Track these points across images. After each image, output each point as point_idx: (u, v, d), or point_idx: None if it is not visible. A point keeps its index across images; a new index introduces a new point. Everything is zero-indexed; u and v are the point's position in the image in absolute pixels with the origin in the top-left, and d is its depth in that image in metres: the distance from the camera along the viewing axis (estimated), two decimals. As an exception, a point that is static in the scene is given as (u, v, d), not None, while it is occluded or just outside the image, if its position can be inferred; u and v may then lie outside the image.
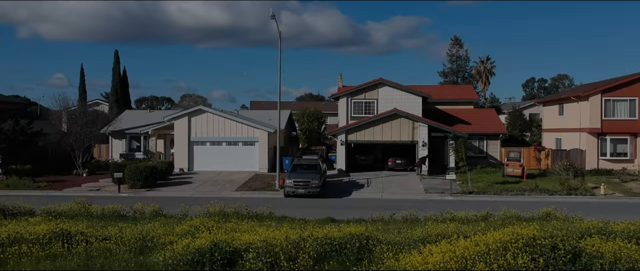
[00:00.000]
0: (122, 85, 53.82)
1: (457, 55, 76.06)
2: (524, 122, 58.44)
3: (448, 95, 44.79)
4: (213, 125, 36.80)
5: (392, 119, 35.98)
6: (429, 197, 28.38)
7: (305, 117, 44.16)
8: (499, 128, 40.09)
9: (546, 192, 29.21)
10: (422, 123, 35.78)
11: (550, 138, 43.35)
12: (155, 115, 45.34)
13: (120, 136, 42.17)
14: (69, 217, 19.00)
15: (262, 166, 36.42)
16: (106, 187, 31.37)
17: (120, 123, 43.33)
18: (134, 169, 30.26)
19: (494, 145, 39.95)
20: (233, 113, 42.33)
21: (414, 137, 35.87)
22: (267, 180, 33.00)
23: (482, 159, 39.59)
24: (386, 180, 33.68)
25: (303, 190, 27.17)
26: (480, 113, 42.75)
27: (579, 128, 38.15)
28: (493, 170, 36.81)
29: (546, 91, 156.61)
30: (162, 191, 30.07)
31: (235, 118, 36.54)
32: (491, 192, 29.32)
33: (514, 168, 33.91)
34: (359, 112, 39.32)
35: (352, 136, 36.25)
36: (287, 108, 67.41)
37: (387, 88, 38.97)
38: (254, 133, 36.57)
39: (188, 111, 36.82)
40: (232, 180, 33.06)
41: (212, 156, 36.97)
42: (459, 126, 40.24)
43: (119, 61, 53.39)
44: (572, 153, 37.36)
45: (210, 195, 28.67)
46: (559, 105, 41.88)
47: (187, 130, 36.77)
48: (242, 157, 36.87)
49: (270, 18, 28.25)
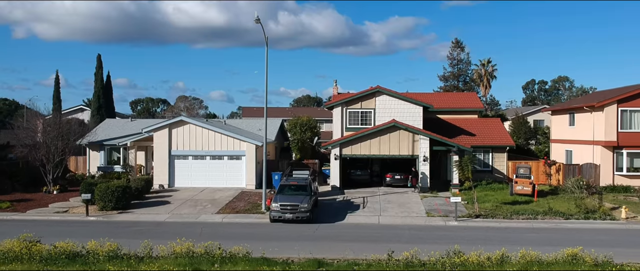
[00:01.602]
0: (105, 91, 50.79)
1: (459, 58, 73.27)
2: (528, 130, 55.55)
3: (450, 104, 41.90)
4: (196, 137, 33.84)
5: (390, 131, 33.07)
6: (431, 221, 25.48)
7: (298, 126, 41.22)
8: (505, 140, 37.20)
9: (561, 214, 26.34)
10: (423, 136, 32.88)
11: (560, 150, 40.48)
12: (137, 125, 42.35)
13: (98, 148, 39.19)
14: (8, 260, 16.11)
15: (249, 182, 33.49)
16: (75, 208, 28.41)
17: (99, 134, 40.41)
18: (105, 189, 27.31)
19: (500, 158, 37.06)
20: (220, 123, 39.42)
21: (414, 151, 32.96)
22: (253, 199, 30.07)
23: (488, 173, 36.72)
24: (384, 199, 30.76)
25: (291, 215, 24.25)
26: (485, 124, 39.85)
27: (592, 140, 35.28)
28: (500, 186, 33.93)
29: (546, 93, 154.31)
30: (136, 213, 27.13)
31: (220, 130, 33.56)
32: (500, 214, 26.41)
33: (523, 186, 31.02)
34: (354, 122, 36.40)
35: (347, 150, 33.34)
36: (280, 116, 64.54)
37: (385, 97, 36.06)
38: (241, 146, 33.62)
39: (168, 122, 33.86)
40: (214, 200, 30.11)
41: (195, 171, 34.02)
42: (462, 137, 37.37)
43: (101, 65, 50.37)
44: (585, 168, 34.48)
45: (188, 219, 25.79)
46: (569, 115, 39.01)
47: (168, 143, 33.81)
48: (228, 172, 33.92)
49: (255, 22, 25.32)
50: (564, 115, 39.93)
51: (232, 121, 43.54)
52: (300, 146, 41.67)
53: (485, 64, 72.62)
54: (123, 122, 43.44)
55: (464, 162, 27.68)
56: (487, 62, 72.45)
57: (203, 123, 33.84)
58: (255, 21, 25.28)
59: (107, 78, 51.62)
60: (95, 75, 50.26)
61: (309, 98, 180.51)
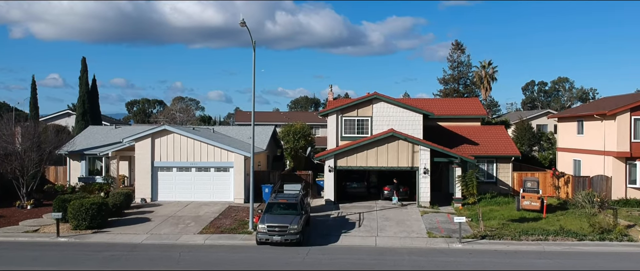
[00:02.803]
0: (91, 96, 48.58)
1: (459, 60, 71.20)
2: (532, 136, 53.53)
3: (452, 110, 39.76)
4: (180, 147, 31.64)
5: (388, 142, 30.92)
6: (433, 243, 23.29)
7: (291, 134, 39.05)
8: (510, 150, 35.07)
9: (573, 235, 24.17)
10: (423, 147, 30.72)
11: (567, 159, 38.37)
12: (121, 132, 40.17)
13: (79, 157, 37.00)
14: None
15: (238, 196, 31.30)
16: (47, 227, 26.20)
17: (80, 142, 38.22)
18: (78, 207, 25.12)
19: (505, 168, 34.94)
20: (207, 132, 37.24)
21: (413, 163, 30.81)
22: (240, 216, 27.90)
23: (492, 185, 34.62)
24: (381, 215, 28.60)
25: (279, 238, 22.07)
26: (489, 132, 37.71)
27: (603, 150, 33.17)
28: (505, 200, 31.79)
29: (546, 94, 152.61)
30: (112, 233, 24.93)
31: (206, 140, 31.37)
32: (508, 235, 24.22)
33: (531, 201, 28.89)
34: (350, 131, 34.25)
35: (342, 161, 31.17)
36: (274, 121, 62.43)
37: (383, 105, 33.90)
38: (229, 157, 31.43)
39: (150, 131, 31.64)
40: (198, 216, 27.93)
41: (179, 184, 31.83)
42: (465, 147, 35.26)
43: (86, 69, 48.16)
44: (596, 181, 32.36)
45: (167, 241, 23.57)
46: (577, 122, 36.90)
47: (150, 154, 31.61)
48: (215, 185, 31.74)
49: (240, 25, 23.16)
50: (572, 122, 37.82)
51: (222, 128, 41.36)
52: (294, 154, 39.52)
53: (486, 65, 70.63)
54: (107, 129, 41.23)
55: (468, 177, 25.54)
56: (488, 64, 70.47)
57: (188, 132, 31.64)
58: (240, 24, 23.12)
59: (93, 82, 49.43)
60: (79, 79, 48.05)
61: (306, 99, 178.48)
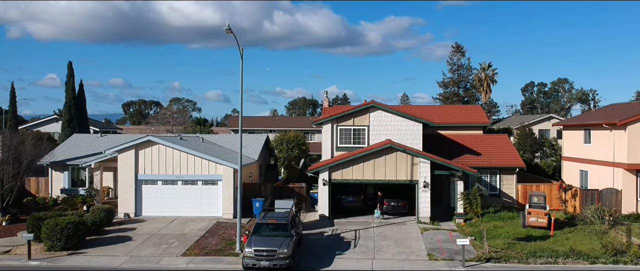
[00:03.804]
0: (78, 102, 46.76)
1: (459, 63, 69.53)
2: (534, 142, 51.74)
3: (453, 118, 38.02)
4: (166, 159, 29.88)
5: (386, 153, 29.19)
6: (434, 266, 21.55)
7: (285, 143, 37.28)
8: (514, 160, 33.35)
9: (585, 257, 22.45)
10: (423, 159, 28.98)
11: (573, 169, 36.66)
12: (107, 140, 38.39)
13: (62, 168, 35.23)
14: None
15: (227, 210, 29.55)
16: (19, 247, 24.39)
17: (63, 152, 36.44)
18: (53, 226, 23.34)
19: (508, 180, 33.22)
20: (196, 140, 35.47)
21: (413, 176, 29.07)
22: (228, 234, 26.15)
23: (495, 198, 32.91)
24: (378, 232, 26.85)
25: (267, 263, 20.30)
26: (492, 141, 35.98)
27: (612, 162, 31.47)
28: (510, 214, 30.07)
29: (546, 95, 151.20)
30: (88, 254, 23.15)
31: (193, 152, 29.59)
32: (514, 257, 22.46)
33: (538, 217, 27.16)
34: (346, 140, 32.52)
35: (337, 174, 29.43)
36: (268, 126, 60.65)
37: (381, 113, 32.16)
38: (217, 169, 29.67)
39: (134, 142, 29.86)
40: (183, 234, 26.17)
41: (165, 198, 30.07)
42: (466, 157, 33.54)
43: (73, 74, 46.33)
44: (605, 194, 30.65)
45: (147, 265, 21.78)
46: (584, 131, 35.19)
47: (134, 166, 29.85)
48: (202, 199, 29.99)
49: (225, 32, 21.41)
50: (578, 131, 36.11)
51: (212, 137, 39.56)
52: (287, 164, 37.77)
53: (486, 67, 69.05)
54: (92, 137, 39.43)
55: (472, 194, 23.78)
56: (488, 66, 68.90)
57: (174, 143, 29.86)
58: (226, 31, 21.37)
59: (80, 87, 47.62)
60: (65, 85, 46.25)
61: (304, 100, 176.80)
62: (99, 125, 58.73)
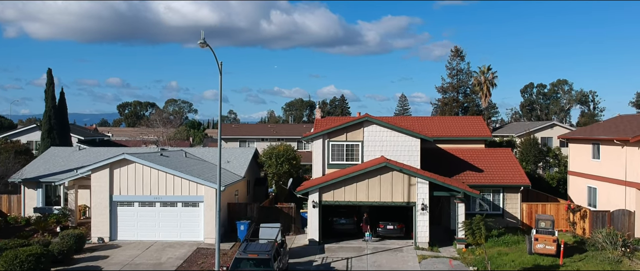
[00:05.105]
0: (58, 111, 44.47)
1: (458, 68, 67.41)
2: (538, 152, 49.58)
3: (453, 131, 35.83)
4: (143, 179, 27.62)
5: (381, 173, 26.96)
6: (433, 307, 19.36)
7: (274, 157, 35.04)
8: (519, 178, 31.17)
9: (600, 293, 20.32)
10: (421, 179, 26.77)
11: (580, 185, 34.49)
12: (85, 155, 36.15)
13: (35, 185, 32.96)
14: None
15: (209, 234, 27.29)
16: (-24, 281, 22.13)
17: (37, 168, 34.17)
18: (12, 259, 21.03)
19: (513, 199, 31.06)
20: (178, 155, 33.25)
21: (410, 197, 26.87)
22: (209, 263, 23.90)
23: (498, 218, 30.74)
24: (373, 260, 24.63)
25: (246, 306, 18.10)
26: (494, 156, 33.79)
27: (624, 181, 29.32)
28: (515, 238, 27.87)
29: (545, 97, 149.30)
30: (51, 291, 20.91)
31: (171, 171, 27.33)
32: (522, 294, 20.33)
33: (545, 244, 24.94)
34: (339, 157, 30.33)
35: (328, 195, 27.21)
36: (260, 134, 58.37)
37: (375, 128, 29.98)
38: (198, 190, 27.43)
39: (109, 161, 27.58)
40: (160, 263, 23.92)
41: (142, 220, 27.82)
42: (468, 174, 31.39)
43: (53, 81, 44.03)
44: (617, 216, 28.48)
45: (113, 306, 19.56)
46: (592, 145, 33.02)
47: (108, 186, 27.60)
48: (183, 222, 27.75)
49: (200, 46, 19.21)
50: (586, 145, 33.93)
51: (197, 150, 37.32)
52: (277, 180, 35.55)
53: (485, 71, 67.11)
54: (69, 151, 37.13)
55: (475, 223, 21.57)
56: (487, 69, 67.00)
57: (152, 161, 27.58)
58: (200, 44, 19.16)
59: (61, 95, 45.32)
60: (45, 93, 43.91)
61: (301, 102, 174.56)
62: (84, 133, 56.39)
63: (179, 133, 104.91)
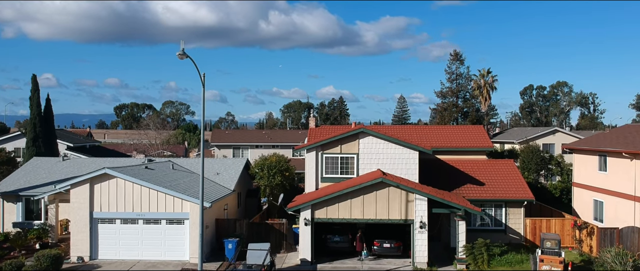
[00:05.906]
0: (44, 119, 42.87)
1: (457, 72, 65.95)
2: (540, 160, 48.09)
3: (453, 141, 34.35)
4: (125, 195, 26.09)
5: (377, 189, 25.44)
6: None
7: (265, 169, 33.53)
8: (522, 192, 29.68)
9: (612, 324, 18.83)
10: (419, 196, 25.25)
11: (585, 198, 33.04)
12: (69, 166, 34.62)
13: (15, 199, 31.43)
14: None
15: (195, 253, 25.66)
16: (-58, 308, 20.63)
17: (17, 180, 32.64)
18: (-22, 286, 19.59)
19: (515, 214, 29.57)
20: (165, 166, 31.73)
21: (408, 215, 25.35)
22: (193, 287, 22.42)
23: (500, 234, 29.24)
24: (368, 284, 23.13)
25: None
26: (496, 168, 32.29)
27: (633, 195, 27.87)
28: (518, 258, 26.28)
29: (545, 99, 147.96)
30: (20, 321, 19.38)
31: (155, 187, 25.79)
32: (528, 324, 18.83)
33: (551, 266, 23.46)
34: (333, 170, 28.85)
35: (321, 212, 25.69)
36: (253, 141, 56.79)
37: (371, 140, 28.50)
38: (183, 207, 25.90)
39: (88, 176, 26.02)
40: (140, 288, 22.42)
41: (124, 239, 26.28)
42: (468, 187, 29.91)
43: (38, 88, 42.48)
44: (626, 233, 27.00)
45: None
46: (599, 157, 31.56)
47: (89, 203, 26.06)
48: (167, 240, 26.21)
49: (179, 57, 17.71)
50: (592, 156, 32.46)
51: (186, 161, 35.78)
52: (269, 193, 34.03)
53: (485, 74, 65.70)
54: (53, 162, 35.59)
55: (477, 247, 20.11)
56: (487, 73, 65.59)
57: (134, 176, 26.04)
58: (178, 56, 17.66)
59: (47, 102, 43.74)
60: (30, 100, 42.34)
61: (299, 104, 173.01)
62: (73, 139, 54.73)
63: (174, 137, 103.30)
